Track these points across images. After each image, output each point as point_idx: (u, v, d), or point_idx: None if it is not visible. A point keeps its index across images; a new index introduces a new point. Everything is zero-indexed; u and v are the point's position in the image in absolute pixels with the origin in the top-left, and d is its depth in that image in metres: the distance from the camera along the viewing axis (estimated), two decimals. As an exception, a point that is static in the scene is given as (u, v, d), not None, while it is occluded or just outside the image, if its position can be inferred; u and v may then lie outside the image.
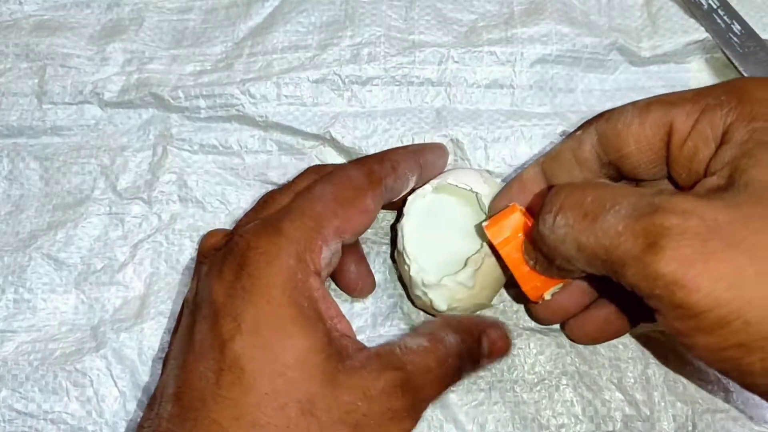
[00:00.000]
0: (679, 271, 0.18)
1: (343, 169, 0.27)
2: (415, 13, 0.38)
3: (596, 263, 0.22)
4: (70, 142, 0.37)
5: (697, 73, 0.37)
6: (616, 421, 0.31)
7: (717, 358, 0.19)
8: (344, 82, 0.36)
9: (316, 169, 0.29)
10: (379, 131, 0.35)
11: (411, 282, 0.30)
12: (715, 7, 0.37)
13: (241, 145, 0.36)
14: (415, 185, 0.30)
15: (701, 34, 0.37)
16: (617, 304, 0.28)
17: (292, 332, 0.23)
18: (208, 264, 0.26)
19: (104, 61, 0.38)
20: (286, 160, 0.36)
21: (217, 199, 0.36)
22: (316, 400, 0.22)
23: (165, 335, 0.33)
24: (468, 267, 0.29)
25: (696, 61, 0.37)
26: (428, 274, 0.29)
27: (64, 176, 0.36)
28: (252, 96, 0.36)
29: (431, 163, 0.31)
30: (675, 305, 0.19)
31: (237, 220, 0.31)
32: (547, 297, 0.27)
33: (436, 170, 0.31)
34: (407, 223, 0.30)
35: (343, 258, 0.30)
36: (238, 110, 0.36)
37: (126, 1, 0.40)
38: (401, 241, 0.30)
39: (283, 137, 0.36)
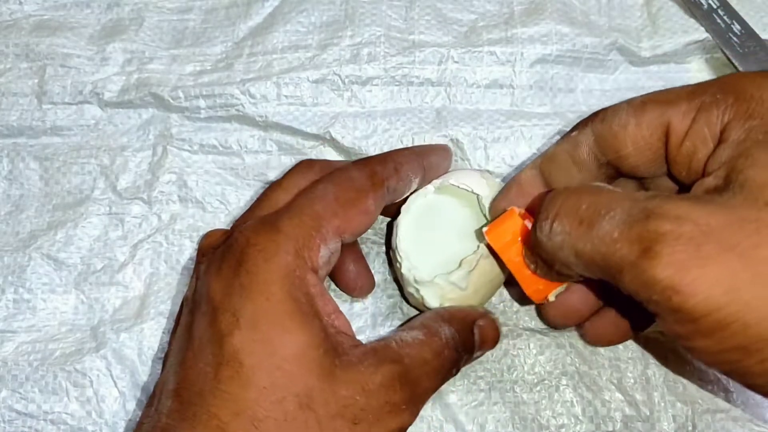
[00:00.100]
0: (675, 277, 0.18)
1: (345, 170, 0.27)
2: (415, 13, 0.38)
3: (594, 269, 0.22)
4: (70, 142, 0.37)
5: (697, 73, 0.37)
6: (616, 421, 0.31)
7: (717, 360, 0.20)
8: (344, 82, 0.36)
9: (309, 164, 0.29)
10: (379, 131, 0.35)
11: (403, 279, 0.30)
12: (715, 7, 0.37)
13: (241, 145, 0.36)
14: (418, 187, 0.30)
15: (701, 34, 0.37)
16: (623, 307, 0.28)
17: (290, 327, 0.23)
18: (207, 262, 0.26)
19: (104, 61, 0.38)
20: (286, 160, 0.36)
21: (217, 199, 0.35)
22: (314, 394, 0.23)
23: (165, 335, 0.33)
24: (462, 268, 0.28)
25: (696, 61, 0.37)
26: (420, 271, 0.29)
27: (64, 176, 0.36)
28: (252, 96, 0.36)
29: (435, 165, 0.31)
30: (672, 310, 0.19)
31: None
32: (551, 299, 0.27)
33: (440, 172, 0.31)
34: (403, 220, 0.30)
35: (342, 258, 0.30)
36: (238, 110, 0.36)
37: (126, 1, 0.40)
38: (395, 237, 0.30)
39: (283, 137, 0.36)
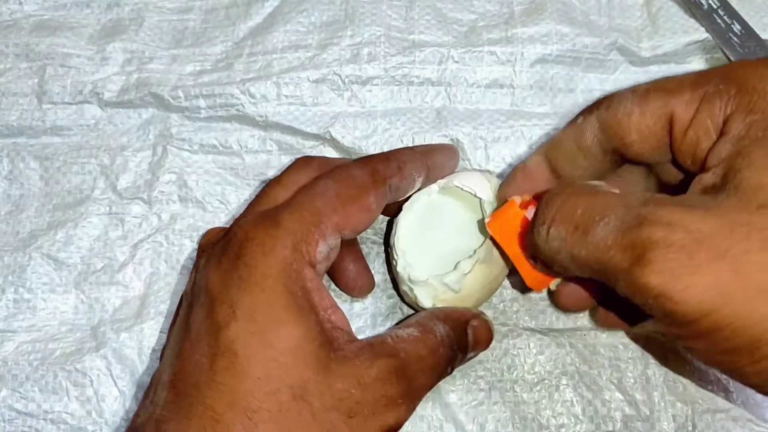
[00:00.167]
0: (666, 284, 0.18)
1: (347, 167, 0.27)
2: (415, 13, 0.38)
3: (591, 273, 0.22)
4: (70, 142, 0.37)
5: (697, 74, 0.37)
6: (616, 421, 0.31)
7: (713, 361, 0.20)
8: (344, 82, 0.36)
9: (307, 160, 0.29)
10: (379, 131, 0.35)
11: (398, 277, 0.30)
12: (715, 7, 0.37)
13: (241, 145, 0.36)
14: (422, 186, 0.30)
15: (701, 34, 0.37)
16: (622, 301, 0.28)
17: (286, 320, 0.23)
18: (206, 256, 0.26)
19: (104, 61, 0.38)
20: (286, 160, 0.36)
21: (217, 199, 0.35)
22: (309, 387, 0.23)
23: (164, 335, 0.33)
24: (456, 271, 0.28)
25: (696, 61, 0.37)
26: (415, 270, 0.29)
27: (64, 176, 0.36)
28: (252, 96, 0.36)
29: (439, 165, 0.30)
30: (666, 314, 0.19)
31: (236, 219, 0.31)
32: (552, 288, 0.28)
33: (445, 171, 0.31)
34: (405, 218, 0.30)
35: (342, 257, 0.31)
36: (238, 110, 0.36)
37: (126, 1, 0.40)
38: (394, 234, 0.30)
39: (283, 137, 0.36)
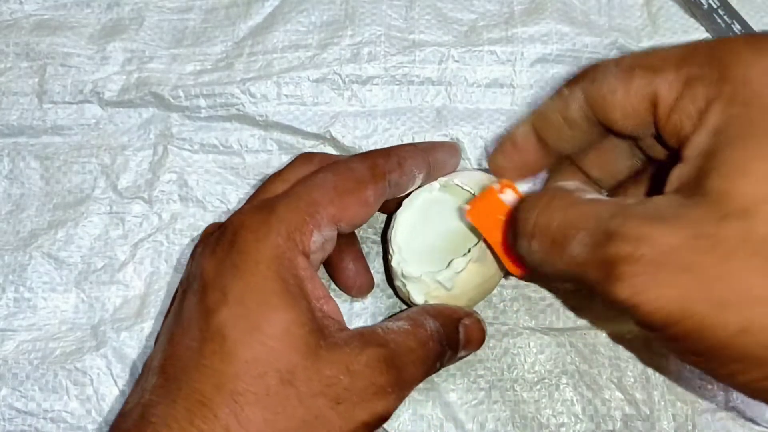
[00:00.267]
0: (635, 297, 0.19)
1: (347, 161, 0.28)
2: (415, 13, 0.38)
3: (572, 282, 0.23)
4: (70, 142, 0.37)
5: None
6: (616, 420, 0.31)
7: (687, 361, 0.21)
8: (344, 82, 0.36)
9: (308, 156, 0.29)
10: (380, 131, 0.35)
11: (392, 271, 0.30)
12: (715, 7, 0.37)
13: (241, 145, 0.36)
14: (422, 183, 0.30)
15: (701, 34, 0.37)
16: None
17: (276, 305, 0.23)
18: (203, 245, 0.26)
19: (104, 61, 0.38)
20: (287, 160, 0.36)
21: (218, 199, 0.36)
22: (297, 371, 0.23)
23: (165, 334, 0.33)
24: (449, 269, 0.28)
25: (696, 60, 0.37)
26: (409, 266, 0.29)
27: (65, 175, 0.36)
28: (252, 95, 0.36)
29: (441, 162, 0.30)
30: (639, 322, 0.20)
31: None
32: None
33: (447, 169, 0.31)
34: (403, 213, 0.30)
35: (341, 256, 0.31)
36: (239, 110, 0.36)
37: (126, 0, 0.40)
38: (392, 229, 0.30)
39: (284, 137, 0.36)
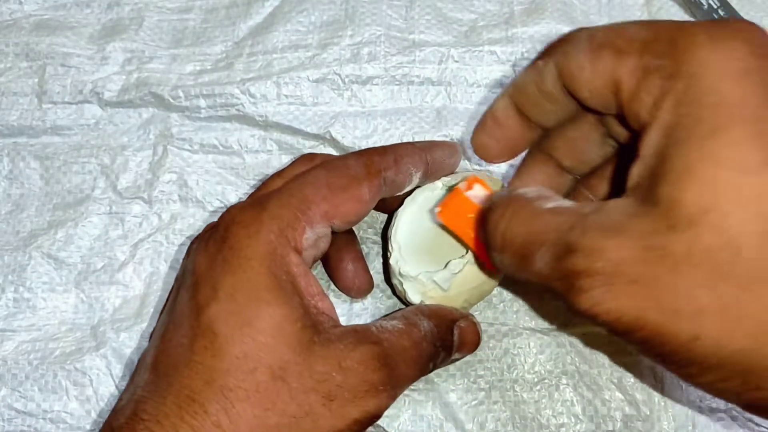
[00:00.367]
0: (595, 308, 0.20)
1: (342, 158, 0.28)
2: (415, 13, 0.38)
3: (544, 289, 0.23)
4: (70, 142, 0.37)
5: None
6: (616, 420, 0.31)
7: (656, 362, 0.22)
8: (344, 82, 0.36)
9: (310, 157, 0.29)
10: (380, 131, 0.35)
11: (390, 269, 0.30)
12: (715, 7, 0.37)
13: (241, 145, 0.36)
14: (420, 182, 0.30)
15: (701, 34, 0.37)
16: None
17: (268, 300, 0.23)
18: (197, 241, 0.26)
19: (104, 61, 0.38)
20: (287, 160, 0.36)
21: (218, 199, 0.36)
22: (288, 367, 0.23)
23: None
24: (446, 270, 0.28)
25: (696, 60, 0.37)
26: (407, 264, 0.29)
27: (65, 175, 0.36)
28: (252, 95, 0.36)
29: (439, 161, 0.30)
30: (604, 328, 0.21)
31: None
32: None
33: (446, 169, 0.31)
34: (405, 211, 0.30)
35: (340, 257, 0.31)
36: (238, 110, 0.36)
37: (126, 0, 0.40)
38: (392, 227, 0.30)
39: (284, 137, 0.36)
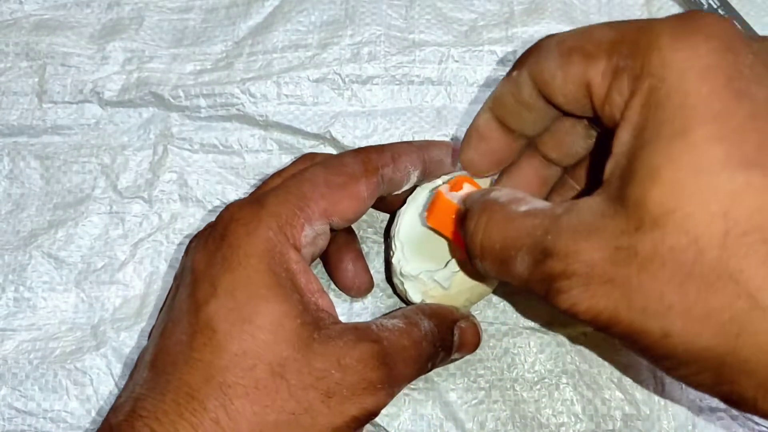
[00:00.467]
0: (574, 308, 0.20)
1: (339, 156, 0.28)
2: (415, 12, 0.38)
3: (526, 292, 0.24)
4: (70, 141, 0.37)
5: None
6: (616, 420, 0.31)
7: (639, 356, 0.22)
8: (344, 82, 0.36)
9: (310, 156, 0.29)
10: (380, 130, 0.35)
11: (392, 268, 0.30)
12: (715, 7, 0.37)
13: (241, 145, 0.36)
14: (419, 181, 0.30)
15: (701, 34, 0.37)
16: None
17: (267, 297, 0.23)
18: (196, 239, 0.26)
19: (104, 60, 0.38)
20: (287, 160, 0.36)
21: (218, 198, 0.36)
22: (287, 364, 0.23)
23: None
24: (447, 268, 0.28)
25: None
26: (408, 264, 0.29)
27: (65, 175, 0.36)
28: (252, 95, 0.36)
29: (437, 160, 0.30)
30: (587, 324, 0.21)
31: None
32: None
33: (443, 167, 0.31)
34: (408, 210, 0.30)
35: (340, 256, 0.31)
36: (239, 109, 0.36)
37: (126, 0, 0.40)
38: (395, 226, 0.30)
39: (284, 136, 0.36)
